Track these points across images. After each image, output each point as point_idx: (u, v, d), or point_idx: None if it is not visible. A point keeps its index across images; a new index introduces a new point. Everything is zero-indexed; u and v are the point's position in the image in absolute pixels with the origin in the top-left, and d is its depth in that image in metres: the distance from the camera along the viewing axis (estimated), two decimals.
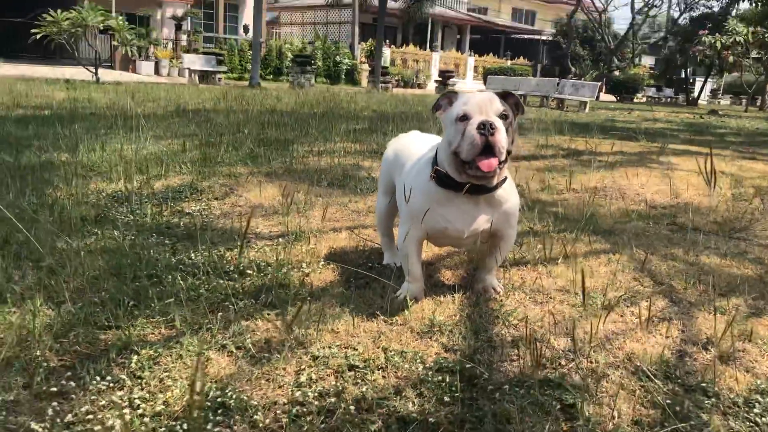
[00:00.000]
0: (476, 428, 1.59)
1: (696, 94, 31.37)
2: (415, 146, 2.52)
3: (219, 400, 1.71)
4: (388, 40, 31.70)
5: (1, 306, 2.17)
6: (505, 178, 2.23)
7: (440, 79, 25.25)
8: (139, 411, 1.66)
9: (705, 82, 31.94)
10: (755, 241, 3.38)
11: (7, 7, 23.30)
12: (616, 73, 31.72)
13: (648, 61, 40.83)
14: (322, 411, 1.67)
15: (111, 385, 1.77)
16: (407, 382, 1.81)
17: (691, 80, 32.21)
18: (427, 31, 34.05)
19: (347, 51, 28.96)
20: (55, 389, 1.74)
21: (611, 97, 29.58)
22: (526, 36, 40.14)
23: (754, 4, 26.90)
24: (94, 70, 16.02)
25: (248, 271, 2.60)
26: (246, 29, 28.25)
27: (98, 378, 1.80)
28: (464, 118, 2.06)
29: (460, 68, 33.89)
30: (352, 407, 1.68)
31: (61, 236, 2.88)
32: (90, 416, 1.62)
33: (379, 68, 23.25)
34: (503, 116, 2.07)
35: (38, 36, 15.32)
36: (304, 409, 1.68)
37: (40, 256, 2.66)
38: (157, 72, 24.00)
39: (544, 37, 39.16)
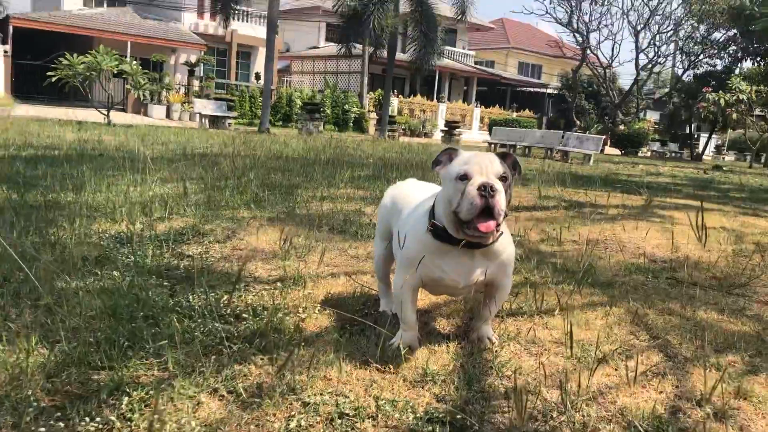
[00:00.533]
0: None
1: (700, 149, 31.62)
2: (412, 194, 2.56)
3: None
4: (396, 90, 32.26)
5: None
6: (501, 232, 2.25)
7: (446, 129, 25.58)
8: None
9: (709, 138, 32.22)
10: (754, 297, 3.37)
11: (27, 51, 23.95)
12: (621, 127, 32.06)
13: (653, 116, 41.30)
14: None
15: (100, 426, 1.77)
16: None
17: (695, 136, 32.51)
18: (435, 82, 34.65)
19: (356, 100, 29.45)
20: (43, 429, 1.74)
21: (616, 151, 29.82)
22: (531, 89, 40.77)
23: (756, 64, 27.35)
24: (106, 113, 16.32)
25: (244, 315, 2.61)
26: (258, 76, 28.84)
27: (87, 419, 1.80)
28: (464, 177, 2.07)
29: (467, 119, 34.34)
30: None
31: (61, 275, 2.90)
32: None
33: (386, 117, 23.60)
34: (503, 178, 2.09)
35: (53, 79, 15.67)
36: None
37: (38, 295, 2.68)
38: (168, 116, 24.44)
39: (549, 91, 39.74)
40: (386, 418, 1.88)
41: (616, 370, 2.27)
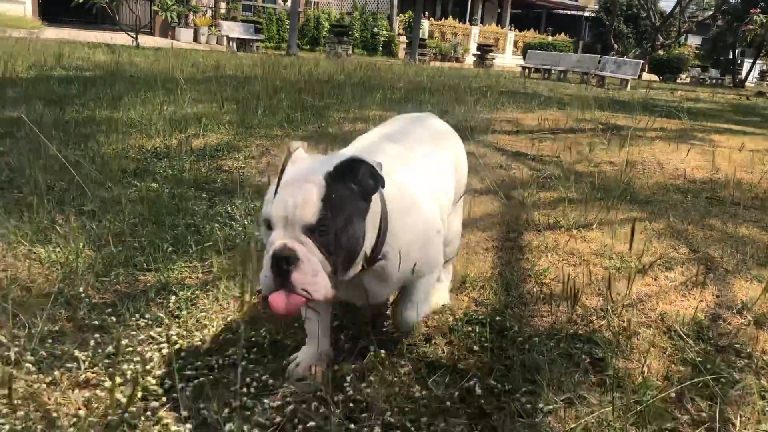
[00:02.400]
0: (505, 376, 1.61)
1: (743, 75, 30.40)
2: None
3: (252, 339, 1.76)
4: (426, 13, 31.32)
5: (46, 246, 2.25)
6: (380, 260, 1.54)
7: (478, 53, 24.93)
8: (177, 346, 1.72)
9: (753, 63, 30.88)
10: None
11: None
12: (660, 51, 30.88)
13: (694, 41, 39.64)
14: (353, 352, 1.70)
15: (149, 322, 1.83)
16: (437, 332, 1.84)
17: (738, 61, 31.17)
18: (467, 4, 33.53)
19: (385, 22, 28.70)
20: (96, 323, 1.81)
21: (654, 77, 28.86)
22: (568, 12, 39.25)
23: None
24: (134, 35, 16.19)
25: None
26: None
27: (137, 315, 1.86)
28: (269, 225, 1.41)
29: (500, 42, 33.38)
30: (382, 351, 1.71)
31: (105, 183, 2.95)
32: (130, 349, 1.68)
33: (416, 40, 23.04)
34: (320, 228, 1.37)
35: (80, 0, 15.51)
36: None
37: (82, 202, 2.74)
38: (195, 39, 24.17)
39: (586, 14, 38.24)
40: (426, 320, 1.91)
41: (655, 280, 2.27)
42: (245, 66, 10.98)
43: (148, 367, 1.60)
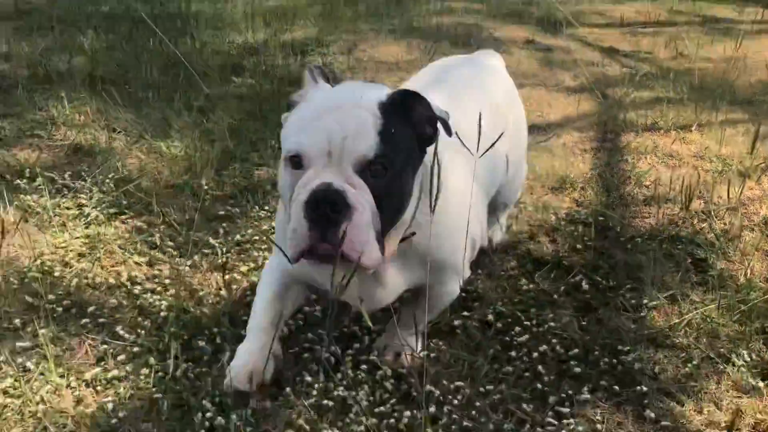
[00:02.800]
0: (609, 273, 1.69)
1: None
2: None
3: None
4: None
5: (165, 140, 2.41)
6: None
7: None
8: None
9: None
10: None
11: None
12: None
13: None
14: None
15: (269, 214, 1.98)
16: (540, 230, 1.92)
17: None
18: None
19: None
20: (222, 213, 1.97)
21: None
22: None
23: None
24: None
25: None
26: None
27: (257, 207, 2.01)
28: (297, 162, 1.10)
29: None
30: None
31: (211, 79, 3.06)
32: (255, 238, 1.84)
33: None
34: (374, 166, 1.06)
35: None
36: None
37: (189, 98, 2.87)
38: None
39: None
40: (528, 218, 1.98)
41: (759, 183, 2.25)
42: None
43: None
